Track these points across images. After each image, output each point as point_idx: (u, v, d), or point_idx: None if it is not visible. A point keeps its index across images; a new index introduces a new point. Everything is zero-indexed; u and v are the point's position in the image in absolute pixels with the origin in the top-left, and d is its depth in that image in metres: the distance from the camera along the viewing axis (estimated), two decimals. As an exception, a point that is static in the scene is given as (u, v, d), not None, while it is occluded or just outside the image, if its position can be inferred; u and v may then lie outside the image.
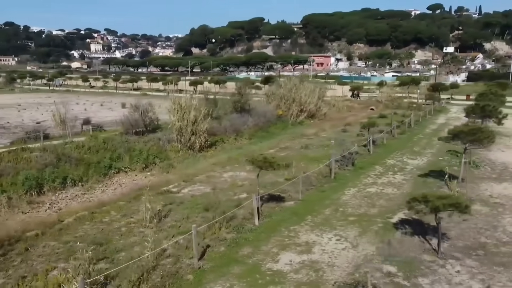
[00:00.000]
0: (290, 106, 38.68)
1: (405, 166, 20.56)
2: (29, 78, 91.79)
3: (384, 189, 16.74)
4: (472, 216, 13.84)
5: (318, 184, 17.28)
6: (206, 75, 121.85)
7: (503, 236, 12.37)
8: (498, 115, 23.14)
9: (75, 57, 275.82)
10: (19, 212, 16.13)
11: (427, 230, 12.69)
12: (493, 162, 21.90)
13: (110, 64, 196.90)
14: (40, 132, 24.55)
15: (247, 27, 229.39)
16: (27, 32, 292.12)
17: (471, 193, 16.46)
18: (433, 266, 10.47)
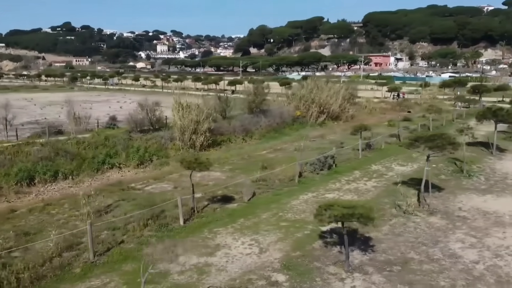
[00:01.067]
0: (309, 107, 37.97)
1: (387, 173, 19.45)
2: (89, 77, 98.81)
3: (343, 196, 16.03)
4: (419, 228, 12.96)
5: (278, 187, 16.95)
6: (258, 75, 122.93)
7: (438, 253, 11.37)
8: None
9: (142, 57, 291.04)
10: (5, 201, 17.56)
11: (354, 240, 12.02)
12: (495, 171, 20.00)
13: (169, 64, 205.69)
14: (47, 128, 26.44)
15: (305, 27, 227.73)
16: (101, 34, 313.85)
17: (441, 204, 15.26)
18: (331, 279, 9.95)
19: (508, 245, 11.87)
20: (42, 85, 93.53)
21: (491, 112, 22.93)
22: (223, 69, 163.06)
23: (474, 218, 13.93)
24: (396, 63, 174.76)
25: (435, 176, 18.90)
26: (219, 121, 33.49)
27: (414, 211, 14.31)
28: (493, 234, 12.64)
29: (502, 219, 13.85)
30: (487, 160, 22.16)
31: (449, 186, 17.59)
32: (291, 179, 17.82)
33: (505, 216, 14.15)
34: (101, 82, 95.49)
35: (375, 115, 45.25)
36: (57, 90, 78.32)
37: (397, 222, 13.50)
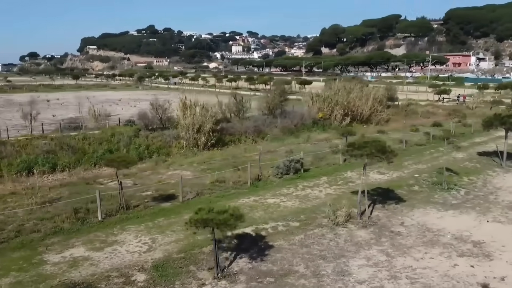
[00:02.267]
0: (333, 109, 36.77)
1: (356, 181, 18.33)
2: (153, 77, 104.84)
3: (285, 201, 15.54)
4: (334, 241, 12.26)
5: (227, 190, 16.90)
6: (321, 75, 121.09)
7: (329, 269, 10.66)
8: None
9: (217, 58, 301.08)
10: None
11: (252, 247, 11.71)
12: (486, 186, 17.94)
13: (238, 65, 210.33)
14: (59, 123, 28.81)
15: (380, 25, 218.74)
16: (180, 36, 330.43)
17: (386, 217, 14.16)
18: (191, 284, 9.88)
19: (417, 266, 10.74)
20: (113, 84, 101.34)
21: (499, 119, 20.46)
22: (288, 69, 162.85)
23: (407, 235, 12.74)
24: (477, 63, 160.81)
25: (408, 186, 17.53)
26: (234, 120, 33.92)
27: (345, 223, 13.44)
28: (412, 253, 11.50)
29: (440, 238, 12.50)
30: (489, 173, 19.88)
31: (414, 198, 16.18)
32: (244, 182, 17.63)
33: (446, 235, 12.75)
34: (164, 82, 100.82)
35: (415, 119, 42.44)
36: (122, 89, 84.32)
37: (315, 233, 12.82)
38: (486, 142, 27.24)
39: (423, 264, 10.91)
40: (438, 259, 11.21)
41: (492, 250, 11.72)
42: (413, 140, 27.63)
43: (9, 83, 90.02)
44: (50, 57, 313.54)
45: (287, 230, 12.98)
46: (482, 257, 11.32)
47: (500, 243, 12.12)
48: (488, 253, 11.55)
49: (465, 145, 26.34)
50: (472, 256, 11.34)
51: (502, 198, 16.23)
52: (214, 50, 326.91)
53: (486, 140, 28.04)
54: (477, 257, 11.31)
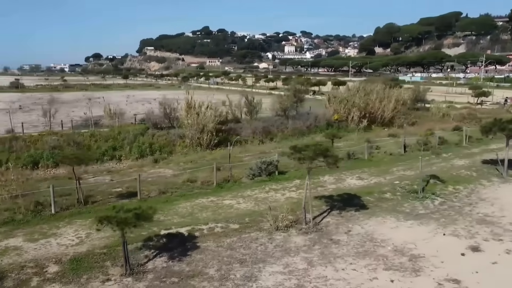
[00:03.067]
0: (350, 111, 35.71)
1: (328, 186, 17.78)
2: (196, 77, 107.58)
3: (241, 203, 15.45)
4: (263, 246, 12.09)
5: (192, 189, 17.11)
6: (368, 75, 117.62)
7: (239, 273, 10.53)
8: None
9: (269, 58, 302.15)
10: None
11: (179, 247, 11.83)
12: (468, 195, 16.65)
13: (285, 65, 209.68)
14: (71, 121, 30.46)
15: (438, 23, 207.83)
16: (233, 37, 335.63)
17: (335, 225, 13.68)
18: (97, 278, 10.20)
19: (332, 277, 10.31)
20: (159, 83, 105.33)
21: (499, 124, 18.83)
22: (336, 69, 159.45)
23: (345, 244, 12.20)
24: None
25: (381, 193, 16.72)
26: (244, 121, 34.05)
27: (287, 228, 13.13)
28: (337, 263, 11.02)
29: (377, 249, 11.86)
30: (482, 182, 18.41)
31: (379, 206, 15.41)
32: (211, 183, 17.72)
33: (387, 247, 12.08)
34: (215, 81, 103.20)
35: (447, 122, 40.12)
36: (166, 89, 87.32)
37: (250, 236, 12.65)
38: (501, 149, 25.10)
39: (340, 275, 10.43)
40: (360, 271, 10.64)
41: (426, 265, 10.92)
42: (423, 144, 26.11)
43: (64, 83, 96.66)
44: (112, 58, 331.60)
45: (223, 232, 12.93)
46: (410, 272, 10.59)
47: (441, 259, 11.26)
48: (419, 268, 10.78)
49: (476, 152, 24.53)
50: (399, 271, 10.64)
51: (478, 211, 14.99)
52: (266, 50, 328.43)
53: (502, 147, 25.84)
54: (404, 272, 10.60)
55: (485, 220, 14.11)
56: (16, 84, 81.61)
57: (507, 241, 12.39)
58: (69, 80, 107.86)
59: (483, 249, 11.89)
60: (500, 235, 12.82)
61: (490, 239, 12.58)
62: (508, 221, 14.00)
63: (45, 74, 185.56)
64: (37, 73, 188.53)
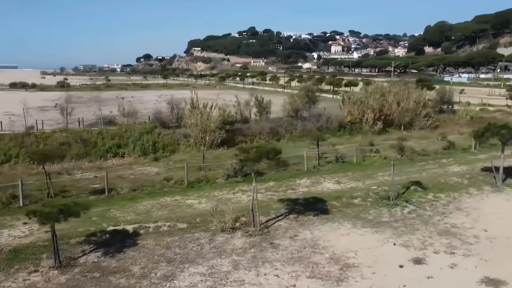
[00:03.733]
0: (364, 113, 34.65)
1: (300, 189, 17.40)
2: (232, 77, 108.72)
3: (202, 203, 15.54)
4: (198, 247, 12.14)
5: (162, 188, 17.44)
6: (409, 76, 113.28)
7: (157, 269, 10.65)
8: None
9: (314, 58, 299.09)
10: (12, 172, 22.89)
11: (124, 243, 12.16)
12: (446, 205, 15.71)
13: (328, 65, 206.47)
14: (81, 119, 31.82)
15: (494, 21, 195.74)
16: (279, 37, 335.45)
17: (285, 229, 13.43)
18: (25, 269, 10.73)
19: (249, 282, 10.19)
20: (195, 83, 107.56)
21: (494, 129, 17.51)
22: (380, 69, 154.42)
23: (283, 249, 11.97)
24: None
25: (350, 199, 16.17)
26: (252, 121, 34.03)
27: (232, 230, 13.07)
28: (263, 267, 10.86)
29: (313, 256, 11.53)
30: (470, 191, 17.26)
31: (342, 212, 14.93)
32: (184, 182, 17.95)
33: (325, 254, 11.70)
34: (249, 81, 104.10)
35: (474, 125, 37.86)
36: (201, 88, 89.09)
37: (192, 237, 12.74)
38: (509, 156, 23.34)
39: (259, 280, 10.25)
40: (282, 277, 10.40)
41: (353, 275, 10.46)
42: (429, 149, 24.84)
43: (106, 82, 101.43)
44: (161, 59, 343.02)
45: (168, 231, 13.09)
46: (333, 281, 10.20)
47: (374, 270, 10.74)
48: (345, 278, 10.35)
49: (481, 158, 22.97)
50: (322, 279, 10.28)
51: (448, 221, 14.08)
52: (312, 50, 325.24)
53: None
54: (327, 281, 10.23)
55: (449, 231, 13.24)
56: (63, 83, 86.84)
57: (458, 255, 11.57)
58: (114, 80, 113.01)
59: (427, 261, 11.19)
60: (455, 248, 11.99)
61: (441, 251, 11.80)
62: (473, 233, 13.06)
63: (97, 74, 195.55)
64: (90, 73, 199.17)
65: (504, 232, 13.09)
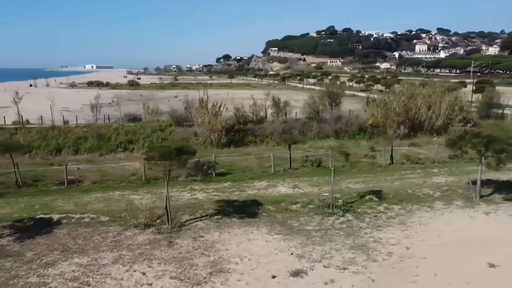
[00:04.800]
0: (387, 116, 32.67)
1: (250, 191, 17.10)
2: (293, 78, 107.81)
3: (143, 199, 16.00)
4: (100, 238, 12.73)
5: (121, 182, 18.29)
6: (492, 77, 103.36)
7: (42, 256, 11.40)
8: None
9: (395, 57, 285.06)
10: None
11: (31, 229, 13.19)
12: (390, 218, 14.43)
13: (404, 65, 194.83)
14: (91, 116, 34.06)
15: None
16: (358, 36, 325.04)
17: (195, 230, 13.47)
18: None
19: (114, 275, 10.50)
20: (258, 83, 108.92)
21: (471, 137, 15.57)
22: (461, 70, 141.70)
23: (176, 249, 12.07)
24: None
25: (291, 204, 15.64)
26: (268, 122, 33.83)
27: (146, 226, 13.43)
28: (138, 264, 11.12)
29: (196, 259, 11.49)
30: (435, 205, 15.64)
31: (271, 216, 14.52)
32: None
33: (211, 257, 11.57)
34: (309, 82, 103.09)
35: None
36: (260, 88, 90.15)
37: (104, 230, 13.33)
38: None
39: (124, 275, 10.51)
40: (147, 275, 10.56)
41: (217, 280, 10.28)
42: (439, 156, 22.70)
43: (172, 81, 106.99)
44: (239, 59, 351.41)
45: (87, 223, 13.82)
46: (191, 283, 10.11)
47: (242, 277, 10.44)
48: (206, 282, 10.21)
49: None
50: (183, 281, 10.26)
51: (375, 235, 12.99)
52: (394, 49, 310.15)
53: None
54: (186, 282, 10.17)
55: (365, 246, 12.23)
56: (133, 82, 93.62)
57: (349, 271, 10.72)
58: (182, 79, 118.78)
59: (307, 275, 10.54)
60: (353, 264, 11.09)
61: (334, 266, 11.00)
62: (390, 250, 11.92)
63: (176, 73, 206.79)
64: (170, 73, 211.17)
65: (426, 252, 11.76)
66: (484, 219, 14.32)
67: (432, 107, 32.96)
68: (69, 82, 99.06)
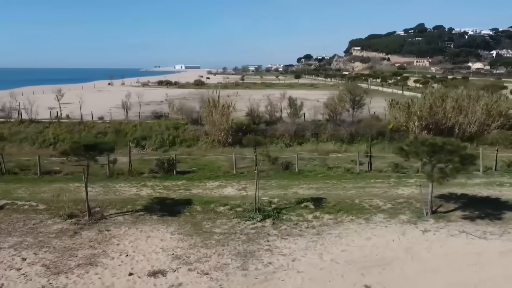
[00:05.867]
0: (408, 119, 30.27)
1: (196, 190, 17.16)
2: (365, 78, 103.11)
3: (90, 192, 16.89)
4: (22, 224, 13.96)
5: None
6: None
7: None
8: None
9: (492, 56, 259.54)
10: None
11: None
12: (309, 228, 13.60)
13: (497, 65, 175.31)
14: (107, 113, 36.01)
15: None
16: (451, 33, 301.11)
17: (101, 224, 14.06)
18: None
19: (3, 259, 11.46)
20: (324, 83, 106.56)
21: (422, 146, 13.95)
22: None
23: (76, 239, 12.80)
24: None
25: (221, 205, 15.53)
26: (281, 122, 33.25)
27: (68, 217, 14.34)
28: (29, 250, 11.96)
29: (82, 250, 12.06)
30: (371, 220, 14.34)
31: (191, 216, 14.65)
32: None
33: (96, 250, 12.06)
34: (378, 82, 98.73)
35: None
36: (323, 88, 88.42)
37: (33, 217, 14.54)
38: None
39: (7, 259, 11.40)
40: (26, 257, 11.31)
41: (78, 272, 10.68)
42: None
43: (237, 81, 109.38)
44: (321, 59, 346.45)
45: (24, 209, 15.20)
46: (54, 272, 10.66)
47: (97, 271, 10.70)
48: (65, 271, 10.72)
49: (471, 183, 18.05)
50: (48, 268, 10.86)
51: (271, 244, 12.37)
52: (493, 48, 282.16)
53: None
54: (50, 270, 10.75)
55: (251, 253, 11.76)
56: (199, 81, 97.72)
57: (207, 277, 10.46)
58: (251, 79, 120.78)
59: (165, 276, 10.54)
60: (219, 270, 10.81)
61: (198, 269, 10.81)
62: (272, 261, 11.34)
63: (253, 73, 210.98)
64: (248, 73, 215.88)
65: (308, 266, 10.99)
66: (415, 237, 12.80)
67: (464, 111, 29.74)
68: (143, 81, 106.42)
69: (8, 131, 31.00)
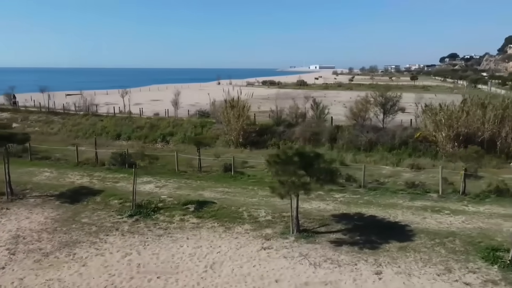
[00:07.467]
0: (437, 129, 26.24)
1: (121, 183, 18.25)
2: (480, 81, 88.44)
3: (51, 181, 19.49)
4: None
5: (64, 163, 22.23)
6: None
7: None
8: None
9: None
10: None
11: None
12: (163, 229, 13.63)
13: None
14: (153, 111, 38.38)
15: None
16: None
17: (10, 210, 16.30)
18: None
19: None
20: (443, 86, 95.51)
21: (287, 158, 12.63)
22: None
23: None
24: None
25: (117, 199, 16.35)
26: (300, 125, 31.93)
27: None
28: None
29: None
30: (230, 230, 13.59)
31: (83, 206, 15.80)
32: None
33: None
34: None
35: None
36: (436, 91, 79.86)
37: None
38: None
39: None
40: None
41: None
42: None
43: (346, 82, 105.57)
44: (468, 58, 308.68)
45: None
46: None
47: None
48: None
49: (418, 205, 15.16)
50: None
51: (99, 239, 12.83)
52: None
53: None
54: None
55: (68, 244, 12.46)
56: (301, 82, 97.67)
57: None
58: (362, 80, 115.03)
59: None
60: (25, 253, 11.83)
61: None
62: (54, 254, 11.86)
63: (381, 74, 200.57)
64: (373, 74, 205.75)
65: (84, 255, 11.22)
66: (243, 253, 11.76)
67: (506, 122, 24.43)
68: (251, 82, 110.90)
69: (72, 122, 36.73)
